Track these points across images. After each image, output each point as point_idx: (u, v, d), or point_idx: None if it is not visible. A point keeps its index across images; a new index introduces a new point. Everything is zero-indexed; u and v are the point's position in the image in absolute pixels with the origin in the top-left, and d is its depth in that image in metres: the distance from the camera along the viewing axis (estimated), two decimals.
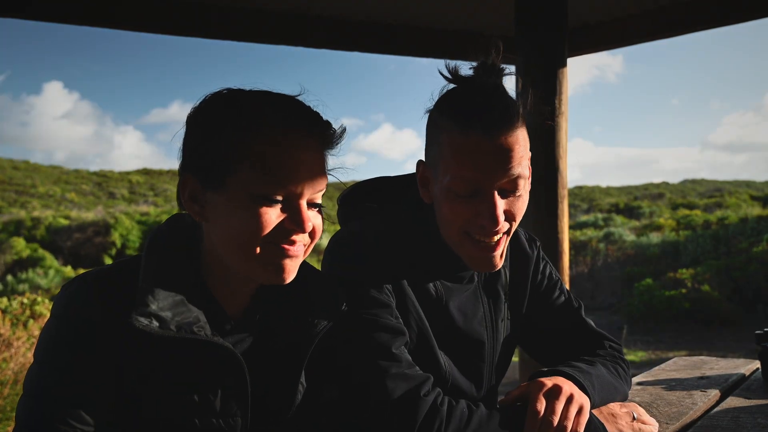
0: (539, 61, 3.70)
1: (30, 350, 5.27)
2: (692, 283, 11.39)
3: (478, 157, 1.24)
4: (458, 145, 1.26)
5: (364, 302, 1.32)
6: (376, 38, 4.38)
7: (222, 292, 1.19)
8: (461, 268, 1.46)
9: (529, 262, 1.62)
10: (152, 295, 1.07)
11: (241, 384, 1.15)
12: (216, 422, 1.13)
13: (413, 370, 1.29)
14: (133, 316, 1.03)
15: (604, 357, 1.51)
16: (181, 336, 1.07)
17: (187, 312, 1.09)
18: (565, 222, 3.81)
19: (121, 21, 3.83)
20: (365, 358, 1.28)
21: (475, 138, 1.24)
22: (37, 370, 1.08)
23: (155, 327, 1.05)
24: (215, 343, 1.10)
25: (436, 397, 1.25)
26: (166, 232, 1.20)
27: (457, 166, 1.26)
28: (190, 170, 1.14)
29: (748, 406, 1.61)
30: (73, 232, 20.12)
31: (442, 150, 1.30)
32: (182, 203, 1.17)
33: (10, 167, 41.69)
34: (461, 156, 1.26)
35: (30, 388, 1.07)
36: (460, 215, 1.30)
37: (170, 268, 1.13)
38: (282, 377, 1.21)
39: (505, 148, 1.24)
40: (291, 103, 1.16)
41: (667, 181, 56.24)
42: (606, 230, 16.62)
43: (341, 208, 1.58)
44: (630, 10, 4.20)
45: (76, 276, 1.14)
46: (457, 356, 1.47)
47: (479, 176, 1.25)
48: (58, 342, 1.07)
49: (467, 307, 1.48)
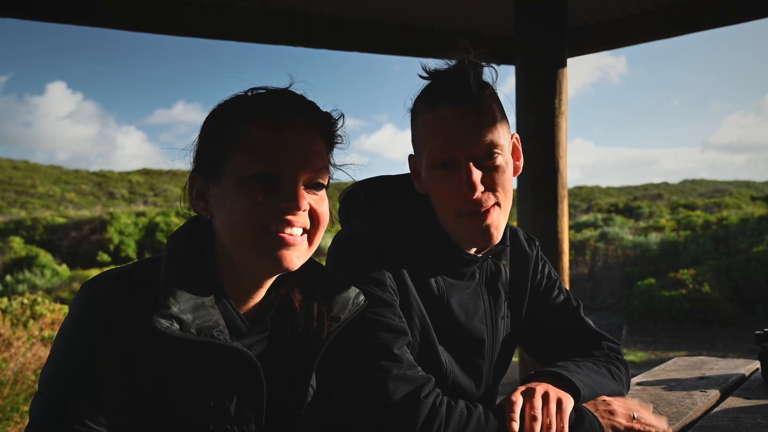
0: (539, 61, 3.70)
1: (30, 350, 5.27)
2: (692, 283, 11.38)
3: (447, 126, 1.34)
4: (429, 120, 1.37)
5: (368, 301, 1.31)
6: (376, 38, 4.38)
7: (235, 292, 1.18)
8: (463, 264, 1.47)
9: (529, 261, 1.63)
10: (173, 297, 1.06)
11: (257, 389, 1.14)
12: (230, 428, 1.12)
13: (414, 371, 1.29)
14: (154, 318, 1.03)
15: (599, 357, 1.52)
16: (201, 340, 1.06)
17: (207, 315, 1.09)
18: (564, 222, 3.81)
19: (122, 21, 3.83)
20: (367, 357, 1.28)
21: (443, 110, 1.34)
22: (53, 369, 1.08)
23: (176, 329, 1.04)
24: (235, 349, 1.10)
25: (436, 399, 1.26)
26: (185, 234, 1.20)
27: (431, 139, 1.36)
28: (196, 170, 1.18)
29: (748, 406, 1.61)
30: (69, 230, 20.08)
31: (419, 133, 1.40)
32: (192, 203, 1.19)
33: (9, 167, 41.67)
34: (433, 129, 1.36)
35: (45, 387, 1.07)
36: (445, 192, 1.36)
37: (190, 270, 1.13)
38: (294, 379, 1.20)
39: (471, 115, 1.34)
40: (279, 90, 1.19)
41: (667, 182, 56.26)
42: (605, 230, 16.62)
43: (342, 206, 1.59)
44: (630, 10, 4.20)
45: (97, 275, 1.14)
46: (457, 353, 1.47)
47: (450, 144, 1.33)
48: (76, 342, 1.07)
49: (468, 304, 1.49)
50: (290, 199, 1.11)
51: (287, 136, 1.12)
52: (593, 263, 14.72)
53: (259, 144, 1.11)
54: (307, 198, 1.14)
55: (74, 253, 19.33)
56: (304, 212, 1.14)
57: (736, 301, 11.23)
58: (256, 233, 1.10)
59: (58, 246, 19.41)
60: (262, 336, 1.20)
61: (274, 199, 1.10)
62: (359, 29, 4.31)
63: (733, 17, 3.98)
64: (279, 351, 1.21)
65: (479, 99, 1.35)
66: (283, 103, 1.15)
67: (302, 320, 1.22)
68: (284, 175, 1.11)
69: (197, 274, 1.13)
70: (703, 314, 10.68)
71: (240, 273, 1.17)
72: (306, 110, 1.17)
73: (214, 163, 1.14)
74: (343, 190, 1.60)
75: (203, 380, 1.10)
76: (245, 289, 1.19)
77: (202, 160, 1.17)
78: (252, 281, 1.18)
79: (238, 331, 1.16)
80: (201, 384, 1.10)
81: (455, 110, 1.34)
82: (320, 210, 1.16)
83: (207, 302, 1.10)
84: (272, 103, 1.15)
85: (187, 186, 1.19)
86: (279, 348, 1.21)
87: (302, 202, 1.12)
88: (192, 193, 1.18)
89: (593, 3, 4.12)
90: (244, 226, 1.10)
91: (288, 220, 1.11)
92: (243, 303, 1.19)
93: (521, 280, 1.62)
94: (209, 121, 1.18)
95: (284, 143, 1.12)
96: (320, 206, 1.16)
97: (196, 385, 1.09)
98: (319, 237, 1.18)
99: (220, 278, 1.17)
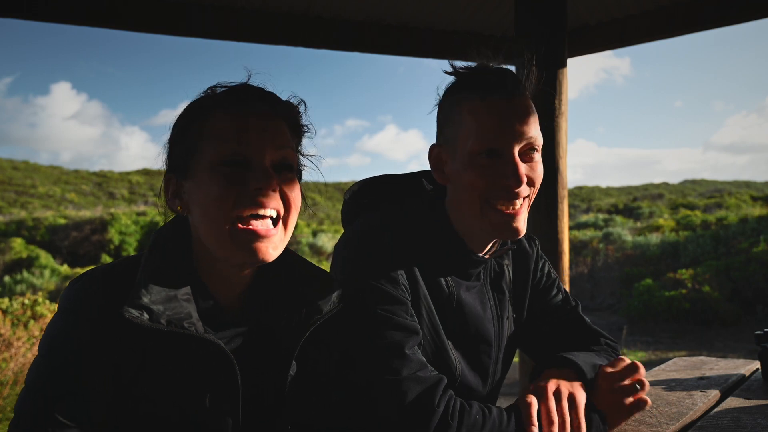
0: (539, 61, 3.70)
1: (30, 350, 5.27)
2: (692, 283, 11.38)
3: (498, 116, 1.36)
4: (480, 108, 1.37)
5: (379, 298, 1.31)
6: (376, 38, 4.38)
7: (215, 285, 1.20)
8: (471, 265, 1.48)
9: (530, 261, 1.64)
10: (146, 289, 1.09)
11: (231, 381, 1.14)
12: (207, 420, 1.13)
13: (425, 371, 1.28)
14: (124, 308, 1.05)
15: (598, 351, 1.53)
16: (171, 330, 1.08)
17: (179, 307, 1.11)
18: (564, 222, 3.81)
19: (122, 21, 3.83)
20: (377, 357, 1.27)
21: (495, 101, 1.37)
22: (38, 363, 1.10)
23: (145, 319, 1.06)
24: (205, 339, 1.11)
25: (449, 401, 1.25)
26: (167, 231, 1.23)
27: (479, 128, 1.36)
28: (170, 170, 1.22)
29: (748, 406, 1.61)
30: (70, 230, 20.07)
31: (463, 120, 1.39)
32: (168, 203, 1.22)
33: (10, 167, 41.67)
34: (483, 117, 1.36)
35: (29, 381, 1.09)
36: (483, 179, 1.36)
37: (167, 265, 1.15)
38: (272, 373, 1.21)
39: (521, 109, 1.38)
40: (239, 84, 1.23)
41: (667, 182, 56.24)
42: (606, 230, 16.62)
43: (348, 204, 1.59)
44: (630, 11, 4.21)
45: (85, 271, 1.16)
46: (466, 353, 1.48)
47: (500, 135, 1.35)
48: (61, 337, 1.09)
49: (476, 303, 1.50)
50: (260, 178, 1.13)
51: (251, 121, 1.17)
52: (593, 263, 14.72)
53: (226, 131, 1.15)
54: (278, 180, 1.16)
55: (75, 254, 19.32)
56: (275, 193, 1.16)
57: (736, 302, 11.23)
58: (231, 224, 1.12)
59: (58, 246, 19.40)
60: (244, 329, 1.21)
61: (244, 182, 1.13)
62: (359, 29, 4.31)
63: (733, 17, 3.98)
64: (258, 344, 1.22)
65: (525, 93, 1.41)
66: (244, 94, 1.20)
67: (285, 312, 1.23)
68: (253, 158, 1.15)
69: (173, 268, 1.15)
70: (703, 314, 10.67)
71: (219, 266, 1.19)
72: (267, 99, 1.21)
73: (184, 160, 1.18)
74: (345, 189, 1.60)
75: (177, 373, 1.11)
76: (225, 282, 1.21)
77: (174, 159, 1.21)
78: (230, 274, 1.20)
79: (217, 324, 1.18)
80: (175, 377, 1.11)
81: (508, 103, 1.37)
82: (291, 194, 1.19)
83: (180, 295, 1.13)
84: (234, 94, 1.19)
85: (163, 187, 1.22)
86: (259, 340, 1.22)
87: (272, 181, 1.14)
88: (168, 194, 1.22)
89: (593, 3, 4.12)
90: (218, 214, 1.12)
91: (260, 201, 1.13)
92: (224, 296, 1.21)
93: (523, 279, 1.62)
94: (177, 122, 1.23)
95: (248, 127, 1.16)
96: (291, 190, 1.19)
97: (171, 378, 1.11)
98: (292, 221, 1.20)
99: (200, 272, 1.20)
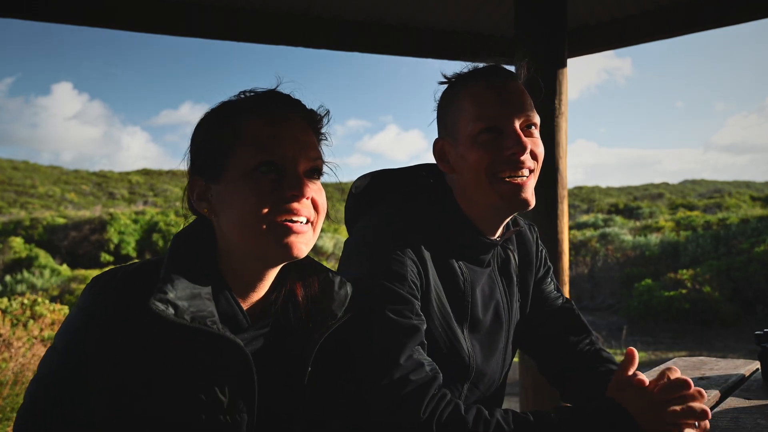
0: (539, 61, 3.70)
1: (30, 351, 5.27)
2: (692, 283, 11.38)
3: (497, 95, 1.44)
4: (478, 91, 1.45)
5: (385, 298, 1.32)
6: (376, 38, 4.37)
7: (238, 287, 1.21)
8: (483, 249, 1.50)
9: (531, 246, 1.69)
10: (171, 284, 1.10)
11: (248, 381, 1.16)
12: (222, 418, 1.14)
13: (418, 372, 1.28)
14: (151, 301, 1.06)
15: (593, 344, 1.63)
16: (194, 326, 1.09)
17: (203, 305, 1.12)
18: (564, 222, 3.81)
19: (122, 21, 3.83)
20: (372, 360, 1.29)
21: (492, 82, 1.45)
22: (53, 357, 1.11)
23: (171, 314, 1.07)
24: (226, 338, 1.12)
25: (436, 407, 1.25)
26: (189, 232, 1.24)
27: (479, 108, 1.43)
28: (196, 172, 1.22)
29: (747, 406, 1.61)
30: (69, 230, 20.07)
31: (462, 106, 1.46)
32: (192, 205, 1.23)
33: (10, 167, 41.68)
34: (481, 98, 1.44)
35: (43, 374, 1.11)
36: (488, 154, 1.41)
37: (191, 263, 1.17)
38: (289, 376, 1.22)
39: (517, 90, 1.46)
40: (270, 90, 1.25)
41: (667, 182, 56.25)
42: (606, 231, 16.62)
43: (355, 199, 1.59)
44: (630, 11, 4.20)
45: (106, 270, 1.18)
46: (481, 340, 1.49)
47: (500, 112, 1.42)
48: (78, 335, 1.10)
49: (487, 290, 1.52)
50: (295, 186, 1.16)
51: (285, 128, 1.19)
52: (593, 263, 14.72)
53: (261, 136, 1.17)
54: (310, 187, 1.18)
55: (74, 254, 19.31)
56: (308, 200, 1.18)
57: (737, 302, 11.23)
58: (268, 225, 1.14)
59: (57, 246, 19.39)
60: (263, 331, 1.22)
61: (279, 189, 1.15)
62: (359, 29, 4.31)
63: (733, 17, 3.97)
64: (278, 347, 1.23)
65: (519, 80, 1.50)
66: (276, 100, 1.22)
67: (304, 315, 1.25)
68: (287, 165, 1.17)
69: (197, 267, 1.17)
70: (703, 314, 10.68)
71: (243, 268, 1.20)
72: (297, 106, 1.24)
73: (215, 162, 1.18)
74: (345, 189, 1.60)
75: (195, 369, 1.12)
76: (248, 284, 1.22)
77: (202, 161, 1.21)
78: (256, 275, 1.21)
79: (238, 325, 1.19)
80: (193, 373, 1.12)
81: (503, 84, 1.45)
82: (320, 200, 1.21)
83: (204, 293, 1.14)
84: (267, 100, 1.22)
85: (188, 189, 1.23)
86: (279, 344, 1.23)
87: (306, 189, 1.17)
88: (193, 196, 1.22)
89: (593, 3, 4.12)
90: (255, 218, 1.13)
91: (294, 208, 1.15)
92: (246, 298, 1.22)
93: (527, 264, 1.66)
94: (206, 124, 1.23)
95: (282, 135, 1.18)
96: (320, 196, 1.22)
97: (189, 374, 1.12)
98: (320, 225, 1.23)
99: (223, 274, 1.20)
